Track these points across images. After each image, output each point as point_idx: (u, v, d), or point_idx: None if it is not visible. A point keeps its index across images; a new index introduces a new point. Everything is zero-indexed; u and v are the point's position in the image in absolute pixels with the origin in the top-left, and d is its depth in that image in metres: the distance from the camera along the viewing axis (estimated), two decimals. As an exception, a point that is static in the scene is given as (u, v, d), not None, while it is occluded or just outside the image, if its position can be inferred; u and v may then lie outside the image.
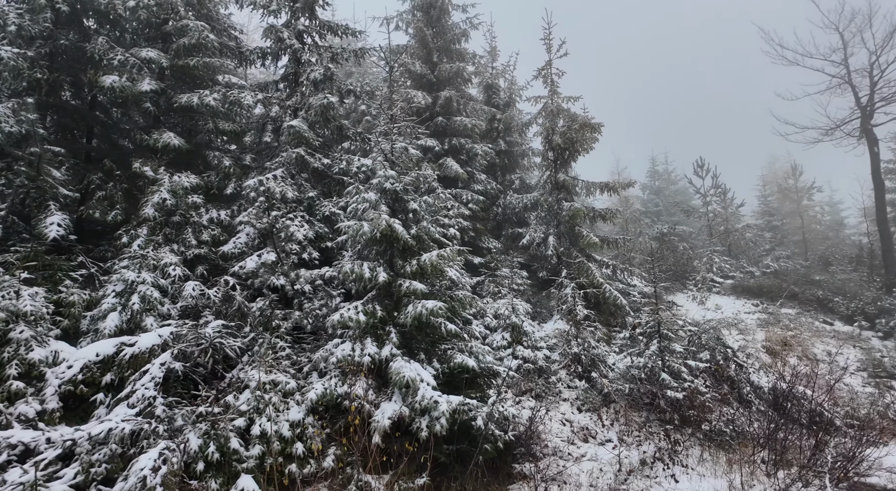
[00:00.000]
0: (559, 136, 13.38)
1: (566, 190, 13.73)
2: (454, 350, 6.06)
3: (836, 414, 8.88)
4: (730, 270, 20.30)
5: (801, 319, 16.24)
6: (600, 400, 8.39)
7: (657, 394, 7.87)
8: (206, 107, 8.06)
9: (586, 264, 12.39)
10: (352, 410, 4.99)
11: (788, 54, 23.61)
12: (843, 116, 22.54)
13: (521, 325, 9.45)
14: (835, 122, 23.12)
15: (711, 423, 7.81)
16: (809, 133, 23.68)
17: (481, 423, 5.37)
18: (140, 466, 3.62)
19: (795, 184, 37.23)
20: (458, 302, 6.35)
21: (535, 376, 8.81)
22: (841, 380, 11.17)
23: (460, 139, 14.00)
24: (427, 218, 6.37)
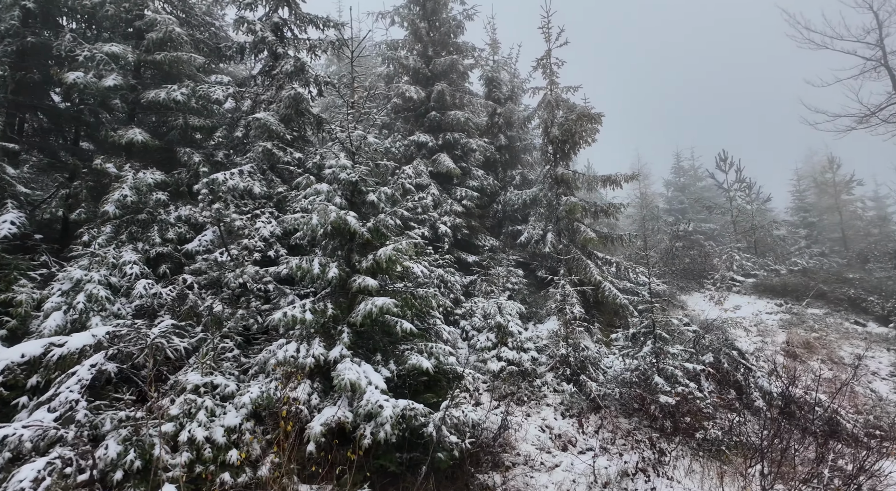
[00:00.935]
0: (557, 128, 12.87)
1: (566, 185, 13.18)
2: (413, 351, 5.71)
3: (855, 423, 8.10)
4: (752, 269, 19.24)
5: (828, 319, 15.19)
6: (588, 405, 7.88)
7: (647, 399, 7.31)
8: (175, 102, 7.96)
9: (584, 262, 11.83)
10: (282, 415, 4.70)
11: (816, 37, 22.26)
12: (879, 102, 21.13)
13: (507, 325, 9.01)
14: (869, 108, 21.72)
15: (707, 430, 7.20)
16: (841, 121, 22.34)
17: (432, 429, 4.99)
18: (20, 477, 3.41)
19: (833, 177, 35.33)
20: (419, 299, 6.00)
21: (520, 379, 8.36)
22: (866, 385, 10.30)
23: (454, 134, 13.63)
24: (387, 210, 6.05)
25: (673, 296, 15.97)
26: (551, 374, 8.62)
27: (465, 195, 13.18)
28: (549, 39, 14.06)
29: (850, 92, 24.14)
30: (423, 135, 13.71)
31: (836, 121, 22.83)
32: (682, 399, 7.37)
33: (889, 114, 20.99)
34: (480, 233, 13.97)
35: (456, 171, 12.87)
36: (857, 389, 10.01)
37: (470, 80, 18.06)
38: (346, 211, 5.74)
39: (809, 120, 23.42)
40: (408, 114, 14.67)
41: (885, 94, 20.92)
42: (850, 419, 8.17)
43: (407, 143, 13.77)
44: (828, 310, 16.09)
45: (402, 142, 13.81)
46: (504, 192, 15.49)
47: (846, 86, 22.54)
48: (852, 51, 22.54)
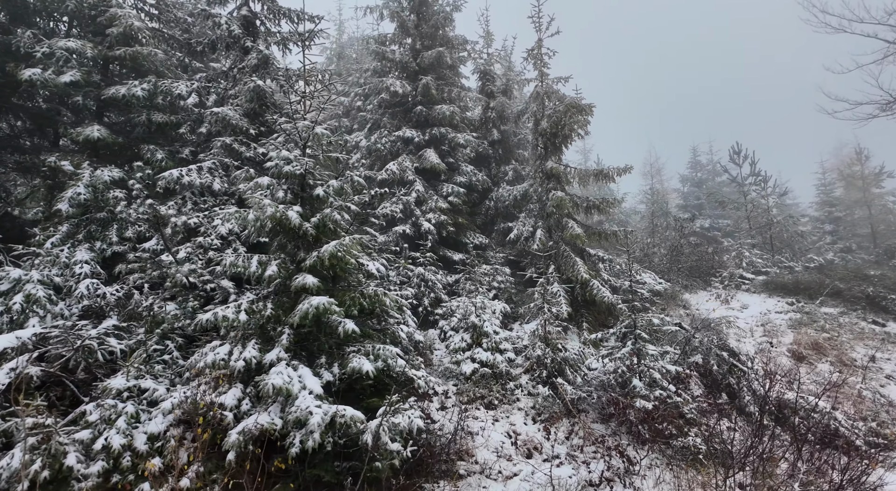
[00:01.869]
0: (546, 121, 12.45)
1: (556, 179, 12.76)
2: (359, 353, 5.44)
3: (855, 430, 7.53)
4: (763, 265, 18.45)
5: (843, 319, 14.40)
6: (562, 409, 7.50)
7: (621, 402, 6.90)
8: (136, 98, 7.86)
9: (572, 259, 11.41)
10: (200, 422, 4.48)
11: (833, 20, 21.20)
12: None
13: (482, 325, 8.67)
14: (891, 94, 20.66)
15: (687, 437, 6.75)
16: (862, 109, 21.29)
17: (368, 437, 4.71)
18: None
19: (861, 170, 33.76)
20: (368, 298, 5.72)
21: (492, 382, 8.03)
22: (875, 389, 9.64)
23: (441, 129, 13.33)
24: (336, 204, 5.79)
25: (676, 294, 15.37)
26: (527, 376, 8.26)
27: (452, 191, 12.86)
28: (540, 29, 13.64)
29: (871, 78, 23.00)
30: (409, 130, 13.45)
31: (857, 109, 21.80)
32: (661, 403, 6.93)
33: (915, 100, 19.91)
34: (469, 230, 13.64)
35: (441, 166, 12.56)
36: (864, 394, 9.37)
37: (465, 75, 17.78)
38: (287, 206, 5.50)
39: (827, 108, 22.38)
40: (395, 109, 14.42)
41: (912, 79, 19.87)
42: (850, 426, 7.60)
43: (393, 139, 13.53)
44: (843, 309, 15.27)
45: (389, 138, 13.58)
46: (497, 189, 15.12)
47: (866, 72, 21.25)
48: (873, 34, 21.45)
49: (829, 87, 20.14)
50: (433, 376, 8.26)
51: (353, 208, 5.72)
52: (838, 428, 7.33)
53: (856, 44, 19.05)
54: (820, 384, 10.06)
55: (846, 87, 18.29)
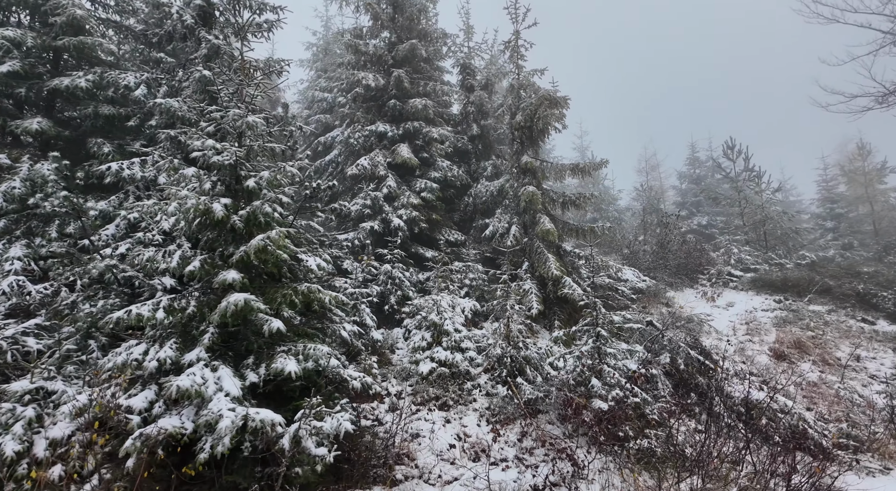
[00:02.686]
0: (520, 114, 12.20)
1: (531, 174, 12.49)
2: (289, 353, 5.21)
3: (826, 432, 7.25)
4: (752, 262, 18.14)
5: (830, 316, 14.12)
6: (520, 410, 7.25)
7: (575, 403, 6.65)
8: (79, 89, 7.65)
9: (545, 255, 11.15)
10: (95, 426, 4.26)
11: (825, 11, 20.87)
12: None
13: (442, 324, 8.43)
14: (885, 85, 20.27)
15: (644, 440, 6.50)
16: (857, 102, 20.90)
17: (286, 441, 4.49)
18: None
19: (864, 165, 33.25)
20: (302, 295, 5.49)
21: (449, 382, 7.79)
22: (853, 390, 9.36)
23: (414, 123, 13.09)
24: (267, 196, 5.56)
25: (659, 292, 15.09)
26: (486, 376, 8.02)
27: (425, 187, 12.62)
28: (517, 20, 13.39)
29: (864, 70, 22.57)
30: (382, 124, 13.21)
31: (852, 102, 21.40)
32: (618, 404, 6.68)
33: (911, 92, 19.54)
34: (445, 227, 13.41)
35: (413, 161, 12.32)
36: (842, 394, 9.10)
37: (448, 70, 17.54)
38: (213, 198, 5.28)
39: (821, 102, 22.01)
40: (370, 104, 14.17)
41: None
42: (820, 428, 7.33)
43: (367, 134, 13.29)
44: (832, 306, 14.97)
45: (362, 132, 13.34)
46: (476, 185, 14.88)
47: (860, 63, 20.91)
48: (867, 23, 21.03)
49: (825, 81, 19.61)
50: (392, 376, 8.03)
51: (284, 200, 5.48)
52: (806, 429, 7.06)
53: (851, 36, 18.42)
54: (797, 384, 9.79)
55: (841, 81, 17.90)
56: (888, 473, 6.61)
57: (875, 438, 7.28)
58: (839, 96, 22.33)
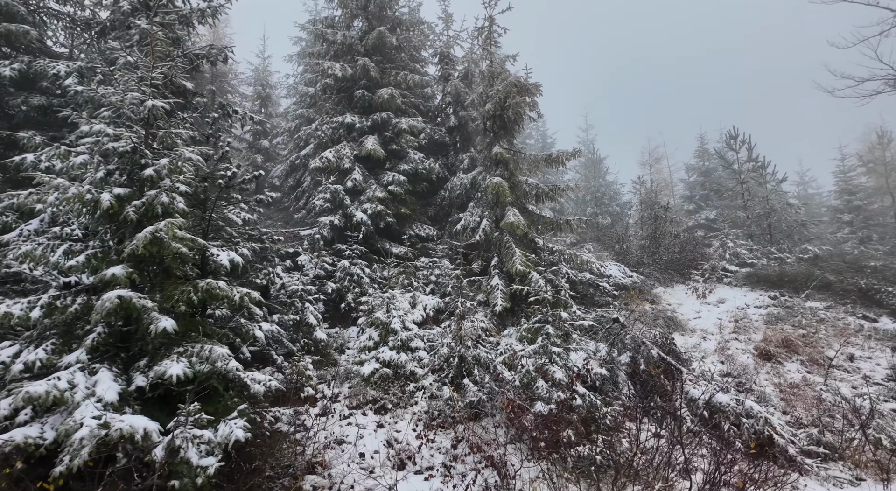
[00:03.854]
0: (490, 102, 11.76)
1: (503, 165, 12.04)
2: (183, 355, 4.90)
3: (794, 438, 6.73)
4: (749, 257, 17.45)
5: (827, 313, 13.46)
6: (464, 413, 6.87)
7: (514, 405, 6.24)
8: (4, 78, 7.44)
9: (512, 249, 10.73)
10: None
11: (832, -13, 19.97)
12: (911, 59, 18.67)
13: (389, 322, 8.08)
14: (893, 67, 19.31)
15: (596, 445, 6.08)
16: (866, 86, 19.96)
17: (159, 451, 4.18)
18: None
19: (883, 155, 31.99)
20: (201, 293, 5.18)
21: (390, 383, 7.43)
22: (836, 391, 8.78)
23: (382, 114, 12.73)
24: (165, 185, 5.25)
25: (646, 288, 14.53)
26: (433, 377, 7.65)
27: (393, 180, 12.26)
28: (490, 5, 12.96)
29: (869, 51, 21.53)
30: (350, 116, 12.89)
31: (860, 86, 20.44)
32: (561, 407, 6.27)
33: (924, 71, 18.52)
34: (416, 221, 13.05)
35: (379, 153, 11.98)
36: (825, 397, 8.54)
37: (427, 60, 17.16)
38: (105, 187, 4.99)
39: (826, 86, 21.08)
40: (341, 95, 13.85)
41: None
42: (789, 433, 6.82)
43: (335, 126, 12.99)
44: (831, 303, 14.30)
45: (330, 124, 13.04)
46: (453, 178, 14.49)
47: (867, 45, 19.97)
48: (874, 2, 20.07)
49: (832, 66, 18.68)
50: (332, 378, 7.69)
51: (182, 189, 5.16)
52: (772, 435, 6.56)
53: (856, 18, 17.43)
54: (778, 386, 9.25)
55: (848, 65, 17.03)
56: (858, 484, 6.10)
57: (850, 446, 6.75)
58: (848, 81, 21.37)
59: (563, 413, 6.39)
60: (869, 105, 20.22)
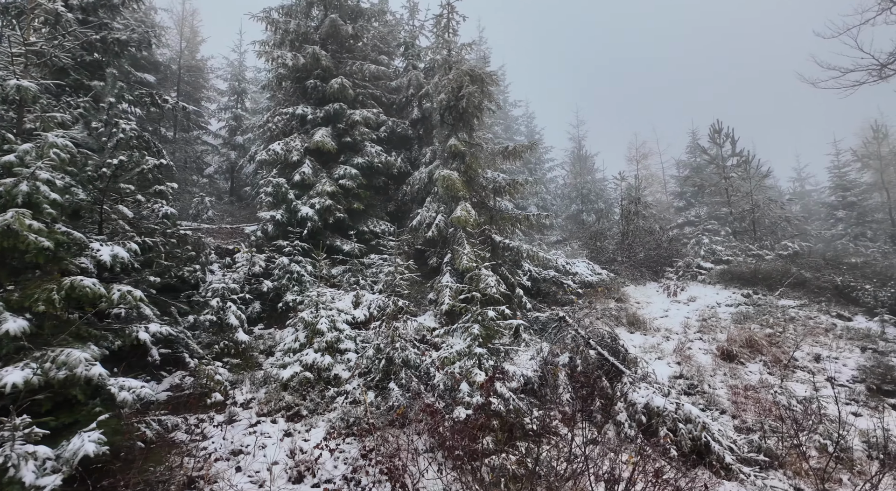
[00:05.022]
0: (444, 92, 11.37)
1: (460, 158, 11.66)
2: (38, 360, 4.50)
3: (733, 445, 6.36)
4: (725, 253, 17.10)
5: (800, 312, 13.10)
6: (388, 419, 6.49)
7: (429, 410, 5.86)
8: None
9: (463, 245, 10.34)
10: None
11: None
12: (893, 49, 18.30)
13: (316, 323, 7.68)
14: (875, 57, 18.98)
15: (515, 453, 5.70)
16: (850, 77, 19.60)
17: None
18: None
19: (878, 149, 31.61)
20: (65, 291, 4.77)
21: (312, 388, 7.04)
22: (791, 394, 8.42)
23: (334, 105, 12.32)
24: (24, 173, 4.83)
25: (614, 286, 14.16)
26: (359, 380, 7.26)
27: (345, 174, 11.85)
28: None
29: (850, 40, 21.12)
30: (303, 107, 12.47)
31: (843, 77, 20.04)
32: (485, 412, 5.89)
33: (909, 60, 18.14)
34: (372, 217, 12.66)
35: (328, 145, 11.56)
36: (779, 399, 8.18)
37: (391, 51, 16.74)
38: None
39: (808, 78, 20.64)
40: (295, 85, 13.44)
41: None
42: (729, 440, 6.46)
43: (287, 117, 12.57)
44: (805, 301, 13.96)
45: (282, 115, 12.62)
46: (416, 172, 14.09)
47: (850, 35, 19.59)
48: (860, -12, 19.60)
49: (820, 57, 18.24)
50: (251, 382, 7.29)
51: (43, 176, 4.75)
52: (709, 442, 6.19)
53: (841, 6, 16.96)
54: (733, 388, 8.89)
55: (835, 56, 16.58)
56: (796, 495, 5.74)
57: (794, 453, 6.39)
58: (833, 72, 20.95)
59: (486, 419, 6.03)
60: (868, 98, 19.86)
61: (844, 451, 6.50)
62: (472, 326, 6.68)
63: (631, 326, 11.76)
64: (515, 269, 12.23)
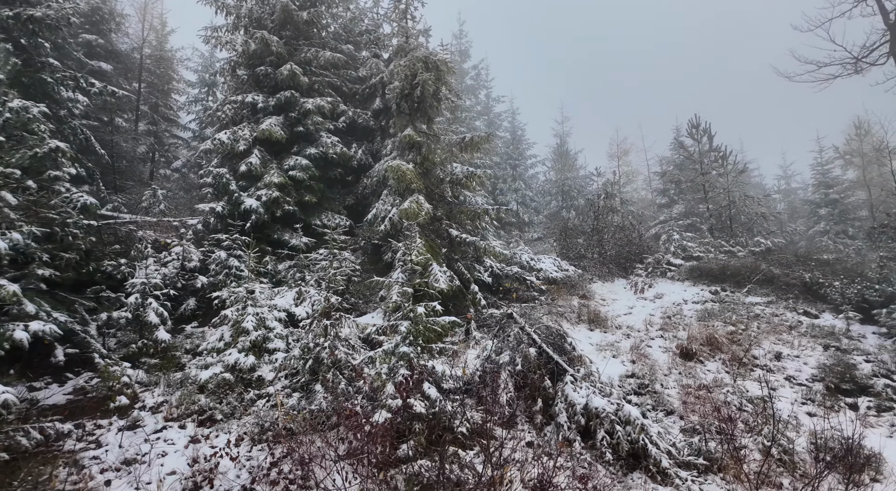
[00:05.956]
0: (397, 80, 10.97)
1: (416, 149, 11.28)
2: None
3: (672, 448, 6.08)
4: (698, 250, 16.95)
5: (766, 309, 12.95)
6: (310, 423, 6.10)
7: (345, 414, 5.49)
8: None
9: (414, 240, 9.97)
10: None
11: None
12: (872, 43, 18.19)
13: (241, 320, 7.26)
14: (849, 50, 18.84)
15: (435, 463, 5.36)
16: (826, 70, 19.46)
17: None
18: None
19: (860, 146, 31.74)
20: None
21: (232, 390, 6.63)
22: (743, 394, 8.19)
23: (286, 93, 11.85)
24: None
25: (578, 283, 13.89)
26: (284, 382, 6.87)
27: (296, 165, 11.40)
28: (408, -25, 12.15)
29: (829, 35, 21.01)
30: (253, 95, 11.99)
31: (818, 71, 19.90)
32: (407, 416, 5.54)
33: (879, 54, 18.04)
34: (327, 210, 12.23)
35: (276, 134, 11.10)
36: (731, 400, 7.95)
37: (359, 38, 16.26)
38: None
39: (783, 71, 20.51)
40: (248, 72, 12.92)
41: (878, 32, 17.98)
42: (668, 442, 6.18)
43: (237, 106, 12.08)
44: (773, 298, 13.82)
45: (232, 104, 12.13)
46: (377, 164, 13.68)
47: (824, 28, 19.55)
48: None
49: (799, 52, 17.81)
50: (165, 385, 6.85)
51: None
52: (647, 444, 5.90)
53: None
54: (686, 388, 8.64)
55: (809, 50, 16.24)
56: (731, 502, 5.47)
57: (735, 456, 6.13)
58: (809, 66, 20.76)
59: (408, 423, 5.68)
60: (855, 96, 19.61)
61: (788, 453, 6.26)
62: (401, 323, 6.31)
63: (591, 323, 11.49)
64: (475, 264, 11.91)
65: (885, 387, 8.79)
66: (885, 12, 17.08)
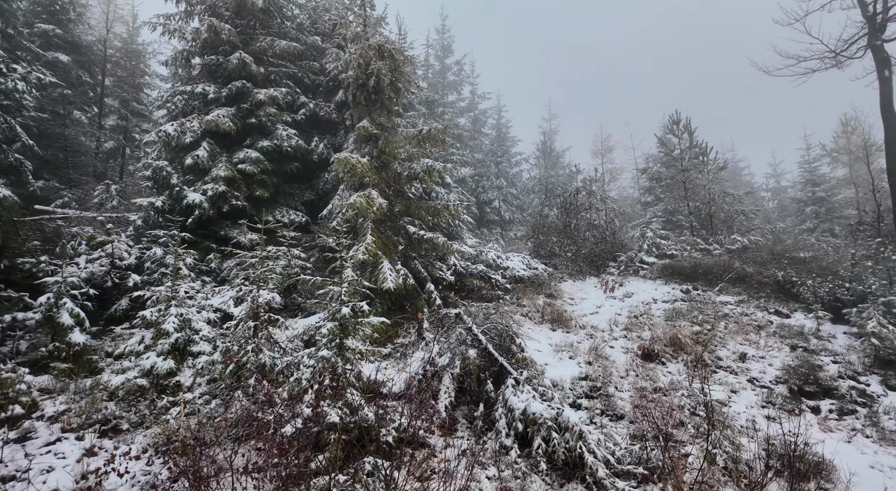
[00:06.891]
0: (350, 68, 10.53)
1: (373, 142, 10.85)
2: None
3: (610, 456, 5.72)
4: (672, 248, 16.68)
5: (737, 308, 12.68)
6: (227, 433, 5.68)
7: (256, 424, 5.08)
8: None
9: (366, 237, 9.55)
10: None
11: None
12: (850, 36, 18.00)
13: (162, 321, 6.80)
14: (828, 44, 18.65)
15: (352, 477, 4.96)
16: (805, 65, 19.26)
17: None
18: None
19: (847, 143, 31.66)
20: None
21: (144, 397, 6.17)
22: (700, 397, 7.87)
23: (237, 83, 11.36)
24: None
25: (546, 281, 13.55)
26: (206, 387, 6.43)
27: (246, 158, 10.92)
28: (366, -40, 11.68)
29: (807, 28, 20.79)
30: (203, 85, 11.49)
31: (797, 65, 19.68)
32: (313, 425, 5.12)
33: (858, 47, 17.83)
34: (282, 206, 11.77)
35: (224, 126, 10.62)
36: (684, 404, 7.63)
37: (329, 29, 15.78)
38: None
39: (762, 65, 20.22)
40: (201, 62, 12.41)
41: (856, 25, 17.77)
42: (607, 450, 5.82)
43: (186, 96, 11.57)
44: (745, 297, 13.56)
45: (182, 95, 11.61)
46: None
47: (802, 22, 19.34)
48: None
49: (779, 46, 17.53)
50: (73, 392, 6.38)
51: None
52: (583, 453, 5.54)
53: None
54: (642, 391, 8.31)
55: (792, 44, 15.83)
56: (666, 515, 5.13)
57: (679, 464, 5.79)
58: (789, 61, 20.47)
59: (323, 433, 5.27)
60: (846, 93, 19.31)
61: (735, 460, 5.93)
62: (325, 324, 5.90)
63: (555, 323, 11.15)
64: (437, 262, 11.52)
65: (849, 389, 8.54)
66: (863, 4, 16.81)
